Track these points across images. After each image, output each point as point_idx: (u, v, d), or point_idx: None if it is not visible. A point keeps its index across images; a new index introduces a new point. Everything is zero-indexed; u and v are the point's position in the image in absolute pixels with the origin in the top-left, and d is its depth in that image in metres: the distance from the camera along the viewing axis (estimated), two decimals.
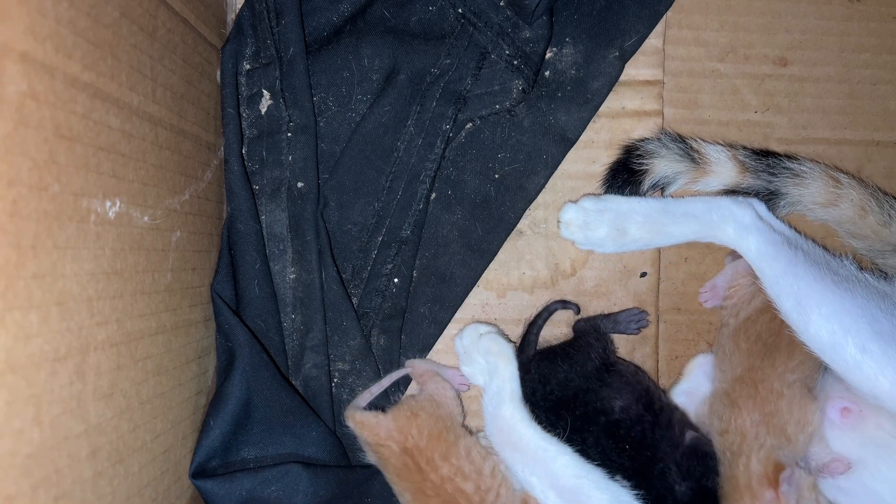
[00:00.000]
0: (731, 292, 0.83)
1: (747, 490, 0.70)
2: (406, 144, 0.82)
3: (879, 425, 0.71)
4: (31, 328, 0.42)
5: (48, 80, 0.44)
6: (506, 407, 0.76)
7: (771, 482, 0.68)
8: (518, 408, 0.76)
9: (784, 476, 0.68)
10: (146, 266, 0.58)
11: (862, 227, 0.81)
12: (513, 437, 0.75)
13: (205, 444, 0.70)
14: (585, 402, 0.77)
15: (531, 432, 0.74)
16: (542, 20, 0.80)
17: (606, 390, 0.77)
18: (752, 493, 0.70)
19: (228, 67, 0.78)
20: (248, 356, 0.72)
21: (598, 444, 0.76)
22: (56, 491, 0.45)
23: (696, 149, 0.82)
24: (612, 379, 0.78)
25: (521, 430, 0.75)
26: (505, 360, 0.78)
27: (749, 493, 0.70)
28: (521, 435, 0.75)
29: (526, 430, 0.75)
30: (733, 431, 0.73)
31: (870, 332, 0.67)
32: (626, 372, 0.80)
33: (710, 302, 0.87)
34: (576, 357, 0.79)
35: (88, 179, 0.48)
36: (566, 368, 0.79)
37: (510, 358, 0.78)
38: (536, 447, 0.74)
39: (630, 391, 0.77)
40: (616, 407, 0.76)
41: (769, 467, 0.70)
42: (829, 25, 0.88)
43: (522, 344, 0.83)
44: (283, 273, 0.79)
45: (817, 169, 0.82)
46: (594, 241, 0.82)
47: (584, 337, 0.81)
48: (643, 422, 0.75)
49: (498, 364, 0.78)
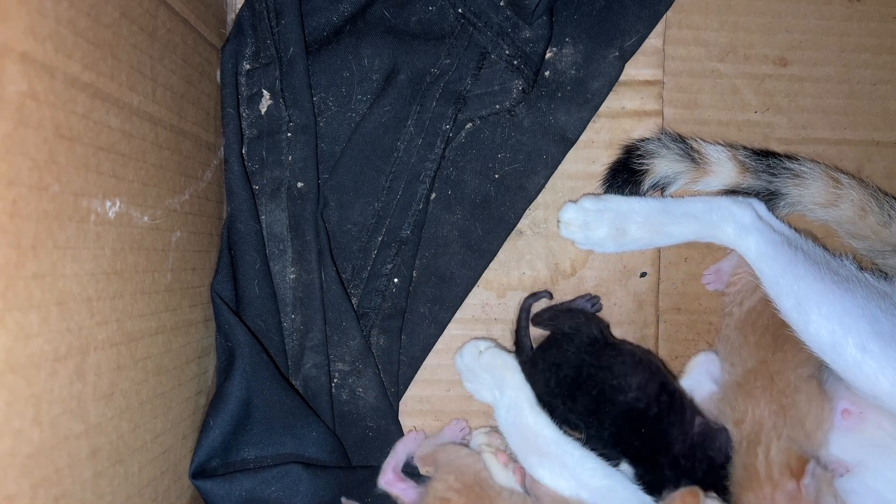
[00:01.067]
0: (736, 279, 0.83)
1: (768, 480, 0.69)
2: (406, 144, 0.82)
3: (880, 426, 0.71)
4: (31, 328, 0.42)
5: (48, 80, 0.44)
6: (527, 414, 0.76)
7: (794, 473, 0.68)
8: (540, 413, 0.76)
9: (810, 468, 0.67)
10: (146, 266, 0.58)
11: (862, 227, 0.81)
12: (539, 442, 0.75)
13: (205, 445, 0.70)
14: (601, 380, 0.77)
15: (556, 436, 0.74)
16: (542, 20, 0.80)
17: (620, 367, 0.77)
18: (772, 482, 0.69)
19: (228, 67, 0.78)
20: (248, 356, 0.72)
21: (614, 424, 0.75)
22: (56, 491, 0.45)
23: (696, 149, 0.82)
24: (626, 357, 0.78)
25: (547, 434, 0.75)
26: (511, 370, 0.78)
27: (770, 482, 0.69)
28: (546, 440, 0.74)
29: (552, 435, 0.74)
30: (750, 421, 0.73)
31: (870, 331, 0.67)
32: (638, 351, 0.80)
33: (713, 285, 0.87)
34: (576, 337, 0.79)
35: (88, 179, 0.48)
36: (573, 349, 0.78)
37: (515, 368, 0.78)
38: (563, 452, 0.74)
39: (645, 368, 0.77)
40: (633, 384, 0.76)
41: (792, 459, 0.69)
42: (829, 25, 0.88)
43: (518, 348, 0.83)
44: (283, 273, 0.79)
45: (817, 169, 0.82)
46: (594, 240, 0.82)
47: (575, 318, 0.81)
48: (660, 402, 0.75)
49: (505, 377, 0.78)
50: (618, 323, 0.87)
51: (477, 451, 0.79)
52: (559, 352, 0.79)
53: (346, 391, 0.81)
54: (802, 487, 0.67)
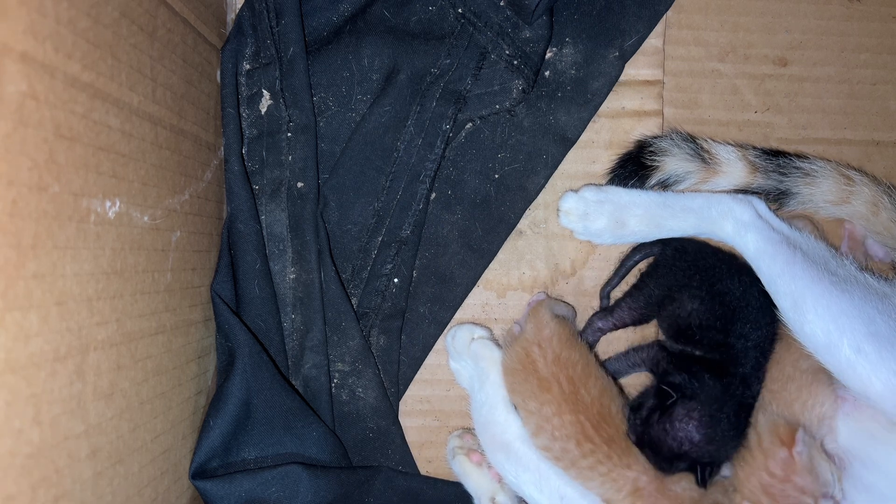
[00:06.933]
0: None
1: (759, 450, 0.70)
2: (406, 144, 0.82)
3: (874, 416, 0.71)
4: (31, 328, 0.42)
5: (48, 80, 0.44)
6: (499, 412, 0.77)
7: (784, 441, 0.68)
8: (511, 412, 0.77)
9: (799, 436, 0.67)
10: (146, 266, 0.58)
11: (874, 223, 0.81)
12: (506, 438, 0.75)
13: (205, 445, 0.70)
14: (720, 277, 0.78)
15: (524, 435, 0.75)
16: (542, 20, 0.80)
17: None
18: (763, 452, 0.69)
19: (228, 67, 0.78)
20: (248, 356, 0.72)
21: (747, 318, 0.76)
22: (56, 491, 0.45)
23: (706, 149, 0.82)
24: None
25: (516, 432, 0.76)
26: (496, 366, 0.79)
27: (761, 452, 0.69)
28: (514, 437, 0.75)
29: (521, 433, 0.75)
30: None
31: (865, 333, 0.67)
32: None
33: None
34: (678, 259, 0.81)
35: (88, 179, 0.48)
36: (686, 263, 0.79)
37: (500, 364, 0.79)
38: (529, 454, 0.74)
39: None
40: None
41: (780, 428, 0.69)
42: (829, 25, 0.88)
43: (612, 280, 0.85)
44: (282, 273, 0.79)
45: (828, 167, 0.81)
46: (592, 231, 0.82)
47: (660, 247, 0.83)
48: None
49: (489, 371, 0.79)
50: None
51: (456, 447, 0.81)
52: (675, 260, 0.80)
53: (345, 391, 0.81)
54: (795, 455, 0.67)
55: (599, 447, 0.71)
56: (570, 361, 0.73)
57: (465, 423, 0.87)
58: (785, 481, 0.67)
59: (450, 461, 0.83)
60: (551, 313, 0.77)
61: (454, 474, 0.83)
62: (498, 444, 0.76)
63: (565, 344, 0.74)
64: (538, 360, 0.74)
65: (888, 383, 0.66)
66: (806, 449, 0.68)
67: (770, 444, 0.69)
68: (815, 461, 0.68)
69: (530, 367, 0.74)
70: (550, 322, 0.76)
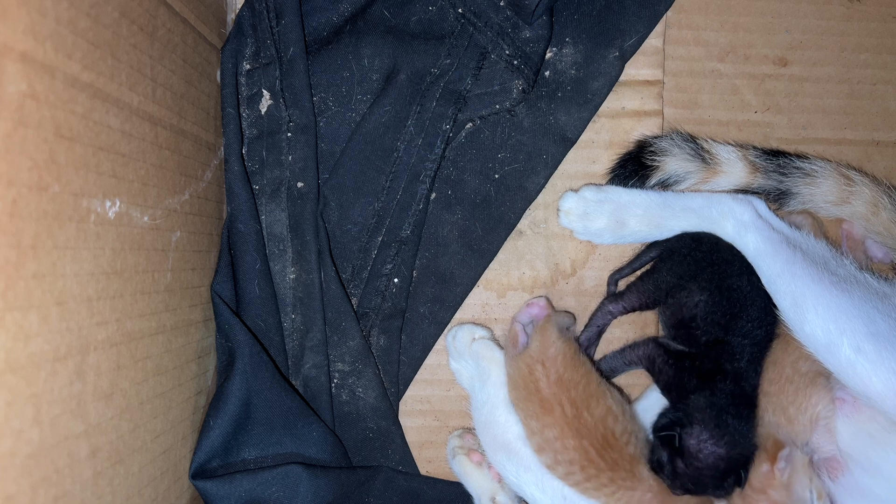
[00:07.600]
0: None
1: None
2: (406, 144, 0.82)
3: (873, 417, 0.71)
4: (31, 328, 0.42)
5: (48, 80, 0.44)
6: (500, 413, 0.77)
7: (769, 456, 0.69)
8: (512, 413, 0.77)
9: (783, 454, 0.69)
10: (146, 266, 0.58)
11: (874, 223, 0.81)
12: (507, 442, 0.75)
13: (205, 445, 0.70)
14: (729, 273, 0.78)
15: (525, 438, 0.75)
16: (542, 20, 0.80)
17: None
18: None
19: (228, 67, 0.78)
20: (248, 356, 0.72)
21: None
22: (56, 491, 0.45)
23: (706, 149, 0.82)
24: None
25: (517, 431, 0.75)
26: (498, 366, 0.79)
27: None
28: (515, 437, 0.75)
29: (521, 433, 0.75)
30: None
31: (865, 332, 0.67)
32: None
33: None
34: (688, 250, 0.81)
35: (88, 179, 0.48)
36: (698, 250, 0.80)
37: (501, 365, 0.79)
38: (530, 454, 0.74)
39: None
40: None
41: (768, 442, 0.71)
42: (829, 25, 0.88)
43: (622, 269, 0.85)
44: (283, 273, 0.79)
45: (828, 167, 0.81)
46: (592, 231, 0.82)
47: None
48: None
49: (491, 371, 0.79)
50: (618, 322, 0.87)
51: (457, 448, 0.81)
52: (684, 251, 0.80)
53: (345, 391, 0.81)
54: (776, 472, 0.68)
55: (603, 472, 0.71)
56: (572, 382, 0.73)
57: (465, 423, 0.87)
58: (761, 493, 0.69)
59: (450, 461, 0.83)
60: (558, 331, 0.77)
61: (454, 474, 0.83)
62: (499, 444, 0.76)
63: (569, 364, 0.74)
64: (541, 380, 0.74)
65: (888, 383, 0.66)
66: (788, 467, 0.69)
67: (755, 457, 0.71)
68: (795, 478, 0.69)
69: (532, 386, 0.74)
70: (557, 341, 0.75)
